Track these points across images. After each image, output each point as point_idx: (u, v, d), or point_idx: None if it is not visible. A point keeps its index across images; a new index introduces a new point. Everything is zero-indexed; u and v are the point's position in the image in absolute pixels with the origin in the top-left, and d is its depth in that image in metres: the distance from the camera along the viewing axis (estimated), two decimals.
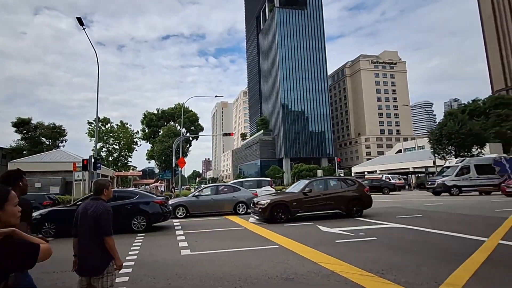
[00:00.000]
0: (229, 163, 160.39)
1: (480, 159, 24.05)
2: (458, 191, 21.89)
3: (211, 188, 14.67)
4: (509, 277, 3.99)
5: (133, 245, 7.15)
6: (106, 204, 2.69)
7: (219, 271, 4.72)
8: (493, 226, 7.93)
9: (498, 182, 21.19)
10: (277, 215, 9.99)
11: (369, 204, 11.14)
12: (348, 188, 11.01)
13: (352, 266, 4.73)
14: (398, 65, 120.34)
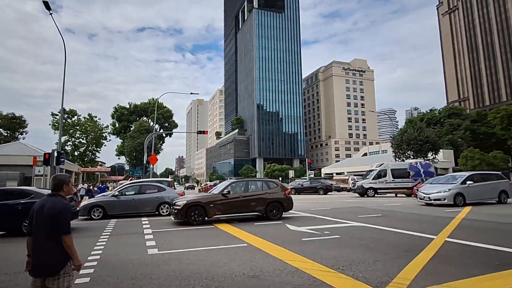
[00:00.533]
0: (203, 161, 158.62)
1: (397, 164, 26.43)
2: (373, 192, 23.85)
3: (134, 187, 13.59)
4: (453, 271, 4.34)
5: (97, 244, 6.89)
6: (65, 201, 2.55)
7: (186, 270, 4.71)
8: (442, 225, 8.53)
9: (412, 185, 23.00)
10: (193, 216, 9.60)
11: (290, 206, 10.96)
12: (269, 191, 10.78)
13: (315, 263, 4.92)
14: (367, 73, 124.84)
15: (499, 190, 15.14)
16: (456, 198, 13.85)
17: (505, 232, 7.71)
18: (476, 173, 15.75)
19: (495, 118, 46.78)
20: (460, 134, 52.76)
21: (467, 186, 14.27)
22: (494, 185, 15.20)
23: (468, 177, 14.76)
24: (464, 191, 14.10)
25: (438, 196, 14.05)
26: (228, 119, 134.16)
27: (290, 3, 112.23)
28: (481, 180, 15.06)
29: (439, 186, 14.89)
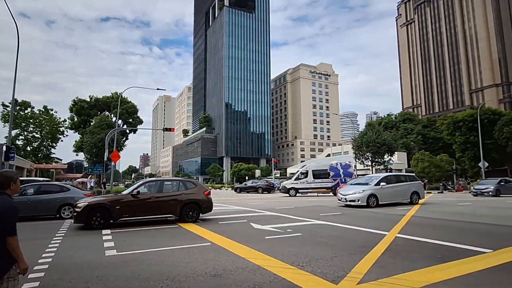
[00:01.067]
0: (169, 159, 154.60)
1: (318, 165, 28.06)
2: (294, 192, 25.31)
3: (33, 186, 11.96)
4: (401, 264, 4.64)
5: (49, 246, 6.44)
6: (12, 200, 2.35)
7: (146, 271, 4.56)
8: (394, 222, 9.10)
9: (331, 185, 24.74)
10: (95, 219, 8.65)
11: (208, 208, 10.27)
12: (185, 191, 10.03)
13: (277, 260, 5.00)
14: (332, 77, 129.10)
15: (411, 191, 15.25)
16: (369, 199, 13.77)
17: (448, 228, 8.39)
18: (390, 175, 15.83)
19: (442, 124, 50.54)
20: (413, 138, 56.45)
21: (381, 187, 14.22)
22: (407, 186, 15.25)
23: (382, 179, 14.76)
24: (377, 193, 14.06)
25: (353, 197, 13.92)
26: (196, 117, 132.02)
27: (260, 4, 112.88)
28: (395, 181, 15.14)
29: (356, 187, 14.75)
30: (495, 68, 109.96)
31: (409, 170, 44.84)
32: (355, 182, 16.63)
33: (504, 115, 43.43)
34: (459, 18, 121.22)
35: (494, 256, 5.13)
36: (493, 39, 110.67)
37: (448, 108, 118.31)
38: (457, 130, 46.07)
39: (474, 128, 40.65)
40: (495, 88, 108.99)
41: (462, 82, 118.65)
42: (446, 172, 39.67)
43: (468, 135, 44.24)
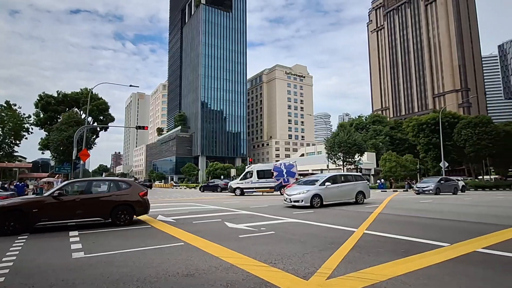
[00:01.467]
0: (143, 158, 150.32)
1: (263, 165, 29.01)
2: (240, 192, 26.11)
3: None
4: (367, 259, 4.83)
5: (11, 249, 6.05)
6: None
7: (116, 273, 4.41)
8: (363, 219, 9.45)
9: (274, 185, 25.61)
10: (8, 224, 7.64)
11: (143, 210, 9.46)
12: (117, 192, 9.15)
13: (250, 258, 5.03)
14: (306, 79, 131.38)
15: (356, 191, 15.00)
16: (313, 199, 13.21)
17: (411, 224, 8.84)
18: (337, 174, 15.39)
19: (408, 127, 53.08)
20: (381, 139, 58.84)
21: (326, 187, 13.77)
22: (353, 186, 14.98)
23: (328, 179, 14.35)
24: (322, 193, 13.55)
25: (297, 198, 13.29)
26: (171, 115, 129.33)
27: (237, 4, 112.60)
28: (341, 181, 14.83)
29: (302, 187, 14.16)
30: (456, 74, 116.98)
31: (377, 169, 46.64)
32: (303, 181, 15.98)
33: (462, 119, 46.32)
34: (425, 26, 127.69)
35: (451, 250, 5.46)
36: (454, 47, 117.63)
37: (414, 111, 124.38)
38: (421, 132, 48.55)
39: (436, 130, 43.04)
40: (455, 93, 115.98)
41: (426, 87, 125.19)
42: (411, 172, 41.70)
43: (431, 137, 46.76)
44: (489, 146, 39.71)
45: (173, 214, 11.66)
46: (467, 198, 19.87)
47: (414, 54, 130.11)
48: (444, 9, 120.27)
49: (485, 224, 8.57)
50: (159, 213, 12.01)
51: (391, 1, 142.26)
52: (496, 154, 41.67)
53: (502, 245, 5.78)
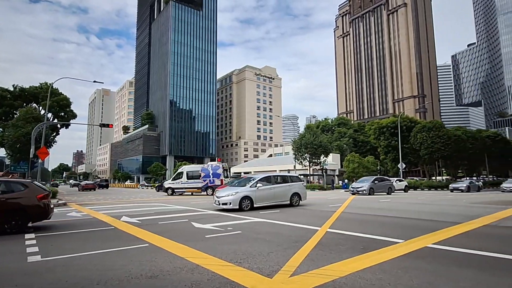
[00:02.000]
0: (107, 157, 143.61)
1: (192, 167, 30.07)
2: (171, 191, 27.15)
3: None
4: (329, 256, 5.03)
5: None
6: None
7: (75, 276, 4.20)
8: (326, 218, 9.79)
9: (201, 186, 26.62)
10: None
11: (41, 215, 8.17)
12: (7, 195, 7.81)
13: (215, 258, 5.02)
14: (275, 80, 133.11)
15: (291, 192, 14.08)
16: (242, 202, 12.30)
17: (370, 222, 9.32)
18: (271, 175, 14.42)
19: (370, 130, 55.79)
20: (345, 141, 61.25)
21: (257, 189, 12.82)
22: (288, 187, 14.10)
23: (260, 179, 13.36)
24: (252, 195, 12.61)
25: (225, 200, 12.27)
26: (138, 113, 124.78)
27: (208, 2, 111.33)
28: (275, 182, 13.92)
29: (232, 188, 13.30)
30: (414, 81, 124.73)
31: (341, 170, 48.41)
32: (237, 182, 15.00)
33: (419, 123, 49.52)
34: (387, 35, 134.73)
35: (405, 246, 5.84)
36: (413, 55, 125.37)
37: (376, 115, 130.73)
38: (382, 135, 51.18)
39: (395, 133, 45.61)
40: (413, 99, 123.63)
41: (387, 92, 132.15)
42: (372, 172, 43.80)
43: (390, 139, 49.44)
44: (441, 149, 42.79)
45: (138, 215, 11.29)
46: (421, 198, 21.29)
47: (377, 61, 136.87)
48: (405, 19, 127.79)
49: (436, 221, 9.26)
50: (123, 214, 11.58)
51: (357, 9, 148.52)
52: (447, 156, 44.98)
53: (450, 240, 6.29)
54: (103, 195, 29.47)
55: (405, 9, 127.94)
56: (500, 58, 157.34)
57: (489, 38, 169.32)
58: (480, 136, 52.49)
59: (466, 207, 13.82)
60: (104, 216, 11.22)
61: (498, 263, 4.68)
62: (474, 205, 14.51)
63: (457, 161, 49.85)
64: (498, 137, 56.82)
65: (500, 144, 55.72)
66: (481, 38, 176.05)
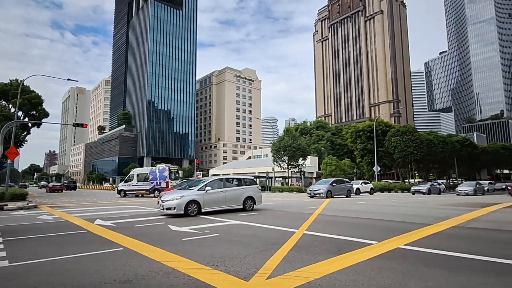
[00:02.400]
0: (81, 158, 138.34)
1: (142, 169, 31.16)
2: (123, 194, 27.91)
3: None
4: (305, 258, 5.13)
5: None
6: None
7: (46, 282, 4.05)
8: (303, 220, 9.96)
9: (149, 188, 27.32)
10: None
11: None
12: None
13: (192, 261, 4.98)
14: (255, 83, 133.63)
15: (244, 196, 13.23)
16: (188, 206, 11.39)
17: (346, 224, 9.57)
18: (223, 178, 13.64)
19: (347, 133, 57.13)
20: (323, 144, 62.42)
21: (205, 192, 11.96)
22: (240, 191, 13.26)
23: (210, 182, 12.55)
24: (200, 198, 11.76)
25: (169, 205, 11.33)
26: (114, 113, 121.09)
27: (188, 2, 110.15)
28: (227, 185, 13.10)
29: (178, 192, 12.34)
30: (389, 87, 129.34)
31: (319, 173, 49.27)
32: (187, 185, 14.24)
33: (393, 128, 51.35)
34: (364, 41, 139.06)
35: (378, 247, 6.05)
36: (388, 62, 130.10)
37: (353, 118, 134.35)
38: (358, 139, 52.57)
39: (371, 137, 47.02)
40: (388, 104, 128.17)
41: (364, 97, 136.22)
42: (348, 175, 44.90)
43: (366, 143, 50.89)
44: (414, 153, 44.58)
45: (113, 218, 10.97)
46: (394, 200, 22.09)
47: (354, 66, 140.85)
48: (381, 26, 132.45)
49: (408, 223, 9.64)
50: (97, 217, 11.21)
51: (335, 14, 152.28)
52: (419, 160, 46.91)
53: (420, 242, 6.58)
54: (76, 197, 28.39)
55: (381, 16, 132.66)
56: (470, 66, 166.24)
57: (459, 46, 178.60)
58: (450, 141, 55.22)
59: (436, 209, 14.49)
60: (77, 219, 10.81)
61: (465, 263, 4.93)
62: (444, 207, 15.24)
63: (429, 164, 52.10)
64: (466, 142, 60.01)
65: (468, 149, 58.88)
66: (452, 47, 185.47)
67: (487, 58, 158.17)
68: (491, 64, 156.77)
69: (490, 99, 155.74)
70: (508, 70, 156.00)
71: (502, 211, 13.07)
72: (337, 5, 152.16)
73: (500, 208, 14.41)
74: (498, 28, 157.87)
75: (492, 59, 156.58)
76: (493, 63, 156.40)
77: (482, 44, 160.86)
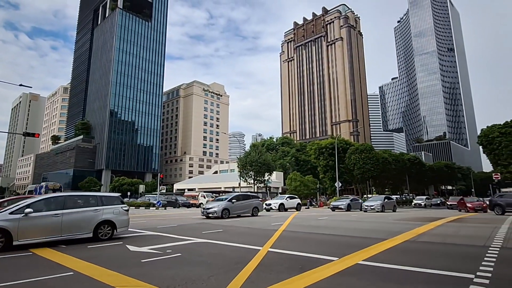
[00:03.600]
0: (30, 169, 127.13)
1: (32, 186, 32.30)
2: None
3: None
4: (269, 277, 5.05)
5: None
6: None
7: None
8: (268, 237, 9.89)
9: None
10: None
11: None
12: None
13: (151, 286, 4.68)
14: (223, 98, 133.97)
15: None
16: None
17: (309, 240, 9.68)
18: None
19: (311, 149, 58.92)
20: (288, 160, 63.60)
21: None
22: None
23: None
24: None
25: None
26: (72, 123, 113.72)
27: (158, 15, 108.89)
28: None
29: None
30: (348, 107, 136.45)
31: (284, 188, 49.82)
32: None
33: (353, 145, 53.95)
34: (326, 63, 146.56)
35: (339, 263, 6.16)
36: (348, 84, 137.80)
37: (316, 135, 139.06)
38: (321, 155, 54.39)
39: (333, 154, 48.89)
40: (348, 123, 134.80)
41: (326, 115, 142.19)
42: (311, 190, 45.95)
43: (328, 160, 52.78)
44: (371, 170, 47.00)
45: None
46: (354, 215, 22.89)
47: (317, 86, 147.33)
48: (341, 51, 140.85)
49: (366, 238, 9.99)
50: None
51: (300, 37, 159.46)
52: (376, 176, 49.53)
53: (377, 257, 6.83)
54: None
55: (341, 43, 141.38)
56: (417, 92, 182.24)
57: (408, 73, 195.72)
58: (402, 159, 59.17)
59: (391, 223, 15.27)
60: None
61: (415, 276, 5.20)
62: (398, 222, 16.09)
63: (384, 180, 55.16)
64: (416, 160, 64.69)
65: (417, 166, 63.49)
66: (402, 73, 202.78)
67: (431, 86, 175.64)
68: (434, 91, 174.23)
69: (435, 121, 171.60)
70: (448, 96, 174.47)
71: (446, 225, 14.10)
72: (302, 29, 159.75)
73: (445, 222, 15.57)
74: (439, 60, 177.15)
75: (435, 87, 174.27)
76: (435, 90, 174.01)
77: (426, 73, 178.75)
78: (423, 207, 40.97)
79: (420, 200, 44.23)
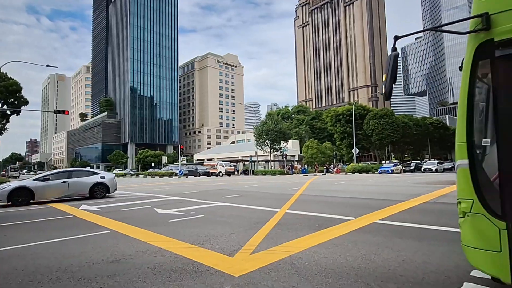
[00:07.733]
0: (64, 145, 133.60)
1: None
2: None
3: None
4: (287, 234, 5.29)
5: None
6: None
7: (32, 265, 4.00)
8: (285, 200, 10.18)
9: None
10: None
11: None
12: None
13: (178, 241, 5.04)
14: (238, 68, 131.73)
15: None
16: None
17: (325, 202, 9.86)
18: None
19: (327, 117, 57.83)
20: (304, 128, 63.01)
21: None
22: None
23: None
24: None
25: None
26: (96, 100, 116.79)
27: None
28: None
29: None
30: (367, 71, 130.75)
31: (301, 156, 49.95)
32: None
33: (371, 111, 52.42)
34: (343, 26, 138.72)
35: (355, 222, 6.31)
36: (367, 47, 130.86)
37: (332, 103, 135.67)
38: (338, 122, 53.43)
39: (350, 121, 47.88)
40: (367, 88, 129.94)
41: (343, 81, 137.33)
42: (328, 157, 45.82)
43: (346, 126, 51.84)
44: (391, 135, 45.87)
45: (98, 203, 10.79)
46: (371, 180, 22.84)
47: (334, 51, 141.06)
48: (360, 11, 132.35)
49: (383, 200, 10.04)
50: (82, 202, 10.99)
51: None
52: (396, 141, 48.38)
53: (394, 216, 6.90)
54: None
55: (360, 2, 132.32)
56: (443, 51, 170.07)
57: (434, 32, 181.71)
58: (424, 123, 57.09)
59: (410, 187, 15.14)
60: (62, 205, 10.56)
61: (434, 234, 5.22)
62: (417, 185, 15.94)
63: (404, 146, 53.89)
64: (439, 124, 62.25)
65: (440, 130, 61.16)
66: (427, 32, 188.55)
67: (459, 44, 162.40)
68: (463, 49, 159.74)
69: None
70: None
71: None
72: None
73: None
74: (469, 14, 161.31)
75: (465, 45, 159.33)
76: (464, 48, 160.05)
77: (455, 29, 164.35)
78: (434, 172, 35.12)
79: (430, 165, 38.51)
